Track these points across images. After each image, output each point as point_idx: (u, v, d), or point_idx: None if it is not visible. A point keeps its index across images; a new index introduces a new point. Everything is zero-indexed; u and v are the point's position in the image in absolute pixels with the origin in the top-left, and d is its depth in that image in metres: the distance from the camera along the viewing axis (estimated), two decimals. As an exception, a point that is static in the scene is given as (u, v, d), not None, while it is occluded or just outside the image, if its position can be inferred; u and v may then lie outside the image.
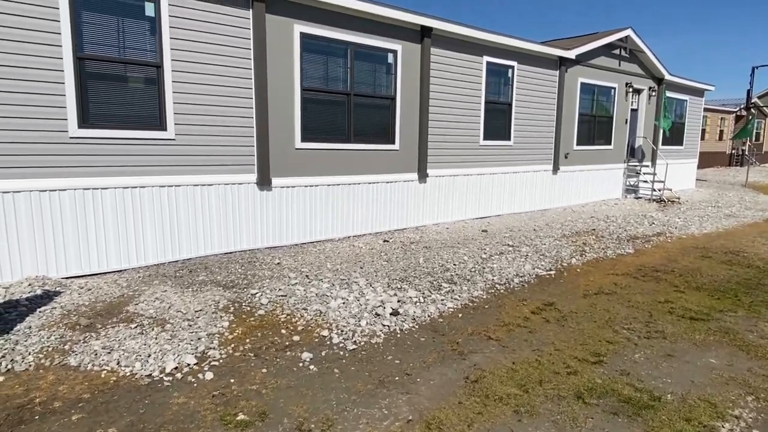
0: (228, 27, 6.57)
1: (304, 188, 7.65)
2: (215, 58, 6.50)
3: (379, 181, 8.61)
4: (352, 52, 7.93)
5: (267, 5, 6.86)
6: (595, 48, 12.49)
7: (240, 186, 6.96)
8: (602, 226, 9.87)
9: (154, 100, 6.12)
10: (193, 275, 5.97)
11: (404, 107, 8.76)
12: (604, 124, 13.59)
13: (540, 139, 11.59)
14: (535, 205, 11.79)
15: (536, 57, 11.05)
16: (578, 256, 7.46)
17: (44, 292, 5.12)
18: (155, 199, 6.25)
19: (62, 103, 5.46)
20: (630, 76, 14.08)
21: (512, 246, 7.96)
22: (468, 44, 9.58)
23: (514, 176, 11.13)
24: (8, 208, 5.29)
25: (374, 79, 8.39)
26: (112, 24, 5.74)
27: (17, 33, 5.15)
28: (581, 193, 13.11)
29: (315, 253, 7.25)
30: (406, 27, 8.55)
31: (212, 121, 6.59)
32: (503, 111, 10.68)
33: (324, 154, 7.82)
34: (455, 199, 9.99)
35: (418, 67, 8.87)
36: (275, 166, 7.25)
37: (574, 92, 12.30)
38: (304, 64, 7.43)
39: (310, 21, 7.36)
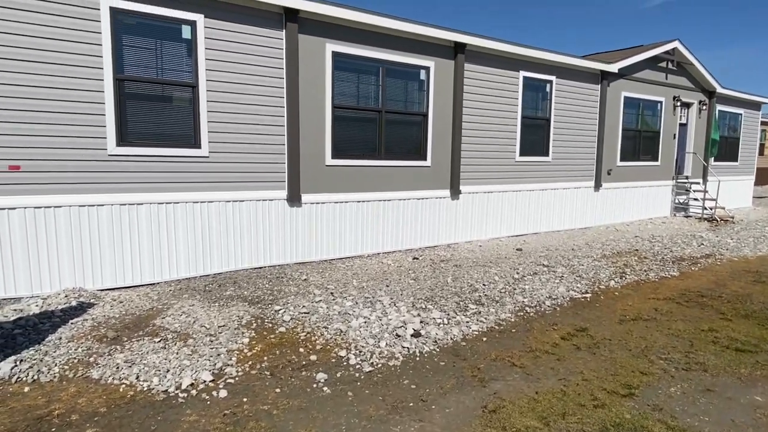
0: (261, 47, 6.74)
1: (334, 204, 7.67)
2: (248, 77, 6.67)
3: (410, 197, 8.54)
4: (384, 69, 7.95)
5: (300, 26, 6.99)
6: (640, 61, 12.03)
7: (270, 202, 7.05)
8: (646, 247, 9.38)
9: (189, 119, 6.32)
10: (222, 290, 6.07)
11: (436, 123, 8.69)
12: (650, 139, 13.02)
13: (580, 154, 11.21)
14: (575, 223, 11.38)
15: (576, 71, 10.76)
16: (617, 279, 7.09)
17: (79, 303, 5.31)
18: (188, 215, 6.42)
19: (102, 122, 5.72)
20: (678, 89, 13.47)
21: (547, 266, 7.67)
22: (503, 59, 9.44)
23: (552, 193, 10.79)
24: (49, 222, 5.55)
25: (406, 96, 8.38)
26: (150, 46, 6.00)
27: (62, 56, 5.45)
28: (626, 211, 12.55)
29: (343, 269, 7.23)
30: (438, 44, 8.52)
31: (244, 139, 6.73)
32: (541, 126, 10.42)
33: (354, 170, 7.84)
34: (490, 216, 9.77)
35: (452, 83, 8.79)
36: (305, 182, 7.32)
37: (617, 106, 11.87)
38: (336, 82, 7.51)
39: (342, 40, 7.45)
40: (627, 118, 12.23)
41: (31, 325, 4.65)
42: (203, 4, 6.25)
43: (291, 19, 6.87)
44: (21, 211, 5.39)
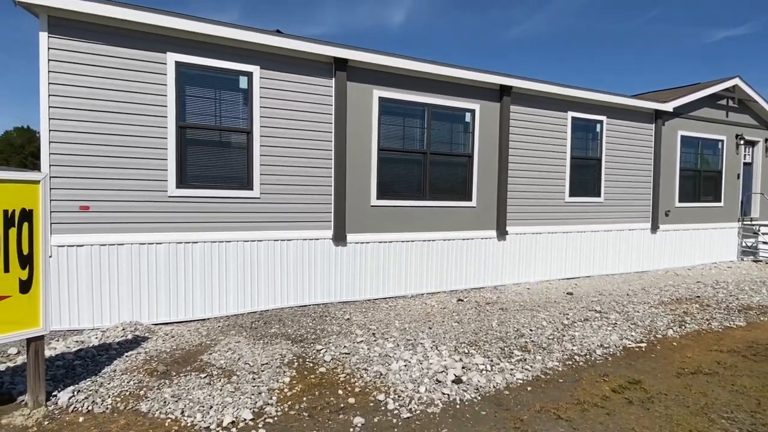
0: (311, 95, 7.09)
1: (378, 244, 7.76)
2: (299, 123, 7.01)
3: (455, 237, 8.50)
4: (429, 112, 8.13)
5: (348, 73, 7.33)
6: (697, 99, 11.65)
7: (316, 241, 7.23)
8: (709, 293, 8.80)
9: (242, 162, 6.68)
10: (267, 327, 6.21)
11: (482, 164, 8.70)
12: (710, 179, 12.41)
13: (635, 195, 10.83)
14: (631, 267, 10.87)
15: (627, 110, 10.54)
16: (676, 327, 6.67)
17: (134, 337, 5.59)
18: (239, 253, 6.69)
19: (164, 166, 6.16)
20: (740, 127, 12.86)
21: (599, 312, 7.34)
22: (550, 100, 9.42)
23: (605, 235, 10.42)
24: (112, 259, 5.94)
25: (451, 138, 8.49)
26: (210, 95, 6.46)
27: (131, 107, 5.98)
28: (686, 254, 11.88)
29: (386, 309, 7.23)
30: (483, 87, 8.64)
31: (293, 181, 7.01)
32: (592, 166, 10.20)
33: (399, 210, 7.94)
34: (538, 258, 9.53)
35: (497, 125, 8.84)
36: (351, 222, 7.48)
37: (674, 146, 11.46)
38: (382, 126, 7.74)
39: (388, 86, 7.72)
40: (685, 158, 11.76)
41: (90, 357, 4.93)
42: (260, 56, 6.70)
43: (340, 68, 7.22)
44: (88, 248, 5.82)
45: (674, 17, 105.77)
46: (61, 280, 5.75)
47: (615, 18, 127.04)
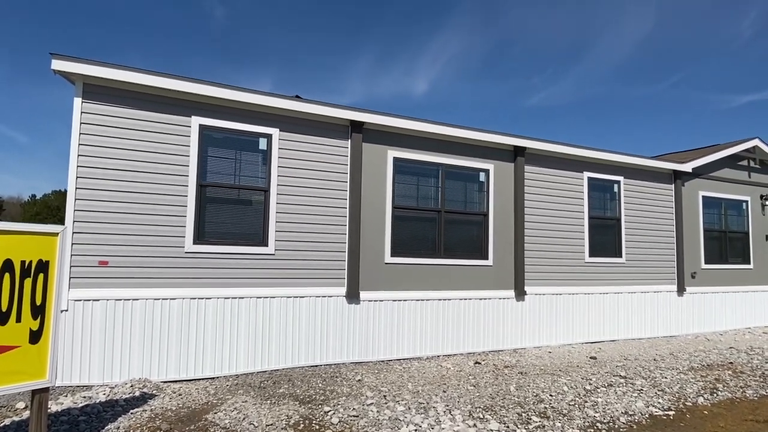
0: (327, 155, 7.33)
1: (392, 302, 7.66)
2: (314, 182, 7.20)
3: (471, 297, 8.34)
4: (443, 172, 8.27)
5: (364, 135, 7.59)
6: (716, 160, 11.58)
7: (329, 299, 7.19)
8: (743, 359, 8.30)
9: (259, 219, 6.83)
10: (276, 387, 6.06)
11: (497, 223, 8.69)
12: (738, 240, 12.07)
13: (658, 256, 10.56)
14: (657, 331, 10.40)
15: (645, 171, 10.52)
16: (707, 395, 6.26)
17: (141, 394, 5.52)
18: (251, 310, 6.67)
19: (182, 222, 6.34)
20: (765, 187, 12.64)
21: (624, 377, 6.97)
22: (565, 161, 9.50)
23: (629, 297, 10.08)
24: (126, 314, 6.00)
25: (465, 197, 8.56)
26: (230, 156, 6.74)
27: (155, 166, 6.25)
28: (717, 318, 11.34)
29: (399, 371, 7.01)
30: (497, 147, 8.80)
31: (308, 238, 7.10)
32: (611, 227, 10.07)
33: (413, 268, 7.89)
34: (560, 320, 9.23)
35: (512, 184, 8.90)
36: (364, 279, 7.44)
37: (696, 206, 11.27)
38: (397, 184, 7.88)
39: (402, 146, 7.94)
40: (708, 218, 11.52)
41: (95, 413, 4.86)
42: (279, 119, 7.02)
43: (356, 130, 7.49)
44: (103, 302, 5.91)
45: (697, 82, 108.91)
46: (75, 335, 5.80)
47: (637, 83, 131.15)
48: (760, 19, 46.29)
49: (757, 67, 52.17)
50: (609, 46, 48.62)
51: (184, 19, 46.48)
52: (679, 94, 54.59)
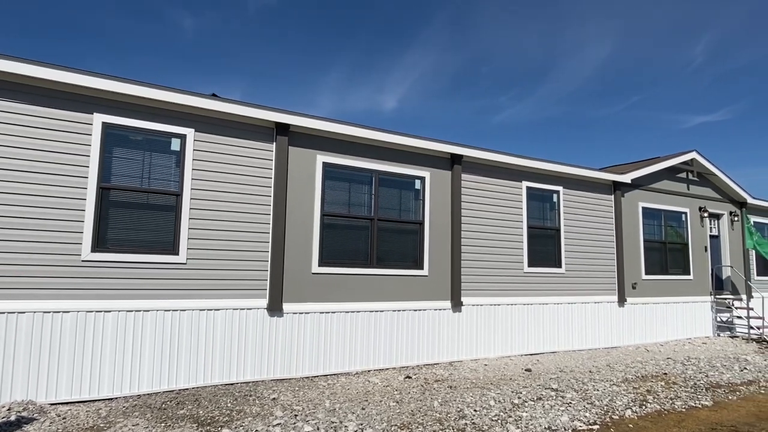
0: (249, 159, 6.93)
1: (320, 315, 7.25)
2: (234, 186, 6.78)
3: (405, 308, 8.02)
4: (377, 178, 7.99)
5: (290, 138, 7.23)
6: (655, 171, 11.76)
7: (248, 312, 6.73)
8: (678, 370, 8.25)
9: (170, 226, 6.35)
10: (178, 408, 5.54)
11: (434, 232, 8.44)
12: (678, 251, 12.24)
13: (598, 267, 10.54)
14: (598, 342, 10.33)
15: (585, 181, 10.54)
16: (636, 407, 6.09)
17: (18, 418, 4.91)
18: (158, 324, 6.15)
19: (80, 228, 5.79)
20: (703, 200, 12.93)
21: (556, 390, 6.75)
22: (503, 170, 9.38)
23: (569, 308, 9.98)
24: (10, 329, 5.39)
25: (400, 204, 8.29)
26: (137, 157, 6.25)
27: (49, 166, 5.71)
28: (658, 329, 11.39)
29: (322, 388, 6.58)
30: (433, 155, 8.60)
31: (226, 246, 6.65)
32: (551, 237, 9.99)
33: (343, 279, 7.52)
34: (498, 331, 9.01)
35: (449, 193, 8.70)
36: (289, 290, 7.03)
37: (636, 217, 11.37)
38: (327, 191, 7.54)
39: (334, 151, 7.62)
40: (648, 230, 11.65)
41: (-51, 443, 4.25)
42: (194, 119, 6.60)
43: (281, 133, 7.13)
44: (-20, 316, 5.28)
45: (654, 103, 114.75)
46: (-54, 353, 5.15)
47: (598, 104, 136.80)
48: (710, 46, 48.87)
49: (708, 91, 55.01)
50: (571, 68, 50.49)
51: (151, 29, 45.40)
52: (638, 114, 56.97)
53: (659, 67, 55.48)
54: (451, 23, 48.53)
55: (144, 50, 47.99)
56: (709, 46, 49.28)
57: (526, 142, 57.85)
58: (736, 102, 54.73)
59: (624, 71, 54.38)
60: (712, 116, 54.24)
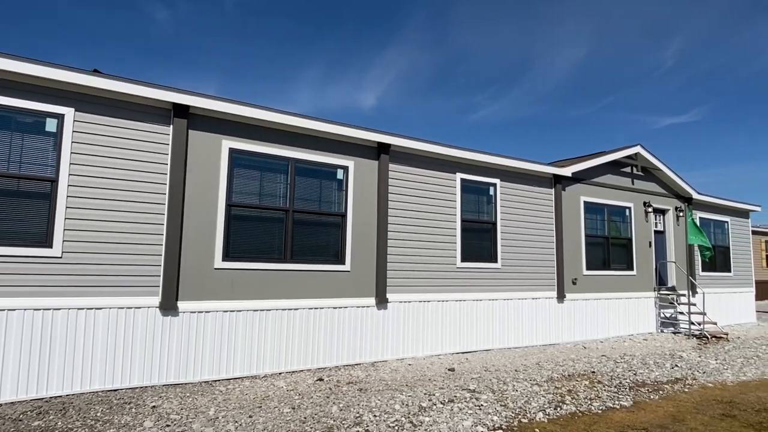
0: (142, 142, 6.31)
1: (223, 314, 6.69)
2: (122, 172, 6.15)
3: (324, 306, 7.53)
4: (293, 167, 7.45)
5: (191, 121, 6.64)
6: (598, 165, 11.55)
7: (137, 311, 6.12)
8: (608, 368, 7.99)
9: (43, 215, 5.68)
10: (38, 419, 4.91)
11: (358, 225, 7.96)
12: (621, 247, 12.07)
13: (537, 262, 10.24)
14: (536, 339, 10.03)
15: (524, 174, 10.22)
16: (551, 409, 5.74)
17: None
18: (25, 325, 5.49)
19: (-75, 216, 5.09)
20: (648, 195, 12.81)
21: (472, 391, 6.37)
22: (436, 161, 8.97)
23: (505, 304, 9.64)
24: None
25: (320, 196, 7.77)
26: (4, 138, 5.56)
27: None
28: (599, 325, 11.19)
29: (218, 394, 6.03)
30: (358, 143, 8.11)
31: (111, 238, 6.02)
32: (486, 230, 9.63)
33: (252, 274, 6.97)
34: (428, 329, 8.59)
35: (375, 184, 8.23)
36: (187, 287, 6.44)
37: (578, 212, 11.13)
38: (235, 179, 6.97)
39: (242, 137, 7.05)
40: (591, 224, 11.43)
41: None
42: (75, 98, 5.94)
43: (180, 115, 6.54)
44: None
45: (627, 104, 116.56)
46: None
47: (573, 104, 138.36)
48: (679, 51, 50.11)
49: (677, 93, 56.62)
50: (547, 69, 51.34)
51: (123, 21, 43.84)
52: (610, 116, 58.49)
53: (631, 70, 56.49)
54: (429, 22, 48.23)
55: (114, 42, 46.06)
56: (678, 49, 50.38)
57: (502, 140, 58.07)
58: (704, 104, 56.09)
59: (598, 73, 55.14)
60: (681, 118, 55.48)
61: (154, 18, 44.11)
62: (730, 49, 49.14)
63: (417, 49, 48.90)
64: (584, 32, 47.77)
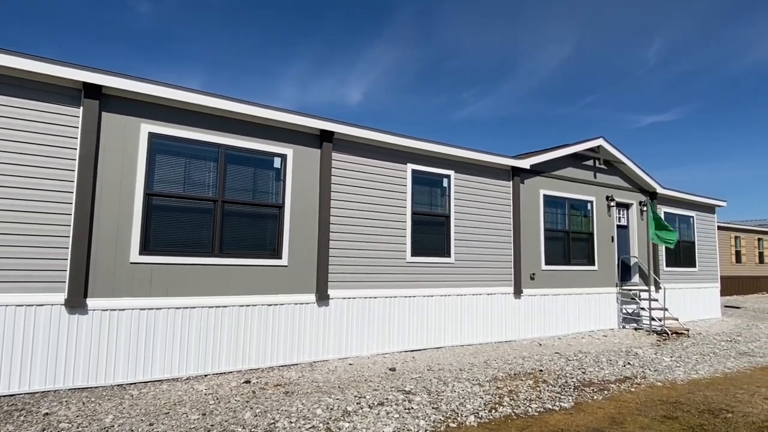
0: (45, 124, 5.76)
1: (140, 312, 6.18)
2: (22, 157, 5.61)
3: (257, 303, 7.07)
4: (224, 154, 6.96)
5: (104, 104, 6.11)
6: (559, 158, 11.26)
7: (39, 308, 5.58)
8: (557, 366, 7.68)
9: (-75, 203, 5.11)
10: None
11: (297, 217, 7.51)
12: (582, 241, 11.82)
13: (493, 256, 9.91)
14: (491, 336, 9.70)
15: (480, 166, 9.87)
16: (485, 411, 5.38)
17: None
18: None
19: None
20: (611, 189, 12.58)
21: (407, 392, 5.98)
22: (384, 150, 8.55)
23: (458, 299, 9.29)
24: None
25: (254, 185, 7.29)
26: None
27: None
28: (558, 321, 10.92)
29: (128, 399, 5.54)
30: (298, 130, 7.65)
31: (9, 229, 5.48)
32: (440, 224, 9.25)
33: (175, 269, 6.47)
34: (374, 327, 8.19)
35: (317, 174, 7.78)
36: (98, 283, 5.93)
37: (537, 205, 10.83)
38: (156, 166, 6.46)
39: (165, 121, 6.54)
40: (551, 218, 11.14)
41: None
42: (-35, 73, 5.37)
43: (91, 96, 6.00)
44: None
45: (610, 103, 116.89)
46: None
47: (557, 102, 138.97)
48: (662, 50, 50.66)
49: (659, 92, 57.34)
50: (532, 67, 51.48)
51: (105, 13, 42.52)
52: (594, 113, 59.05)
53: (614, 69, 56.86)
54: (415, 19, 47.79)
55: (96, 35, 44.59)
56: (661, 49, 50.86)
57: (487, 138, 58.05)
58: (686, 103, 56.76)
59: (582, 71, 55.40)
60: (663, 116, 56.09)
61: (137, 11, 42.87)
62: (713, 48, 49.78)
63: (403, 46, 48.61)
64: (569, 31, 47.96)
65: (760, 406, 5.75)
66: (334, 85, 55.93)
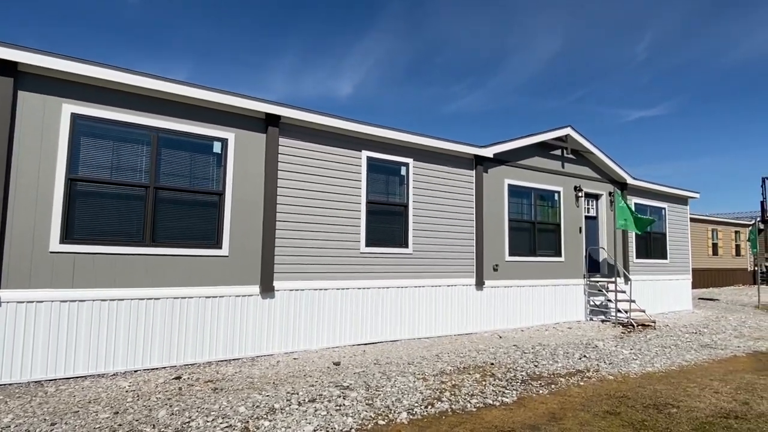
0: (-51, 102, 5.33)
1: (61, 304, 5.81)
2: None
3: (193, 295, 6.71)
4: (157, 138, 6.57)
5: (20, 81, 5.69)
6: (524, 147, 11.00)
7: (-58, 300, 5.19)
8: (510, 360, 7.45)
9: None
10: None
11: (239, 205, 7.15)
12: (549, 232, 11.60)
13: (454, 247, 9.64)
14: (451, 329, 9.46)
15: (440, 154, 9.57)
16: (420, 408, 5.11)
17: None
18: None
19: None
20: (580, 179, 12.37)
21: (345, 388, 5.69)
22: (336, 136, 8.20)
23: (416, 291, 9.01)
24: None
25: (191, 171, 6.91)
26: None
27: None
28: (522, 314, 10.71)
29: (38, 396, 5.18)
30: (241, 113, 7.28)
31: None
32: (397, 213, 8.95)
33: (101, 259, 6.10)
34: (324, 320, 7.88)
35: (262, 159, 7.42)
36: (12, 274, 5.55)
37: (501, 195, 10.57)
38: (81, 149, 6.06)
39: (90, 102, 6.13)
40: (515, 208, 10.90)
41: None
42: None
43: (5, 73, 5.57)
44: None
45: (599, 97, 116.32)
46: None
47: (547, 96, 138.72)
48: (651, 45, 50.76)
49: (647, 87, 57.58)
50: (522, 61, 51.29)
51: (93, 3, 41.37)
52: (583, 108, 59.20)
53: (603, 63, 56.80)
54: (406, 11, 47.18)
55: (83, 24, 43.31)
56: (650, 43, 50.86)
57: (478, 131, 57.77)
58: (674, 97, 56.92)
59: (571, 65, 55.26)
60: (651, 111, 56.22)
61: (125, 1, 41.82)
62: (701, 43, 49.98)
63: (394, 38, 48.14)
64: (559, 25, 47.83)
65: (707, 401, 5.55)
66: (324, 77, 55.44)
